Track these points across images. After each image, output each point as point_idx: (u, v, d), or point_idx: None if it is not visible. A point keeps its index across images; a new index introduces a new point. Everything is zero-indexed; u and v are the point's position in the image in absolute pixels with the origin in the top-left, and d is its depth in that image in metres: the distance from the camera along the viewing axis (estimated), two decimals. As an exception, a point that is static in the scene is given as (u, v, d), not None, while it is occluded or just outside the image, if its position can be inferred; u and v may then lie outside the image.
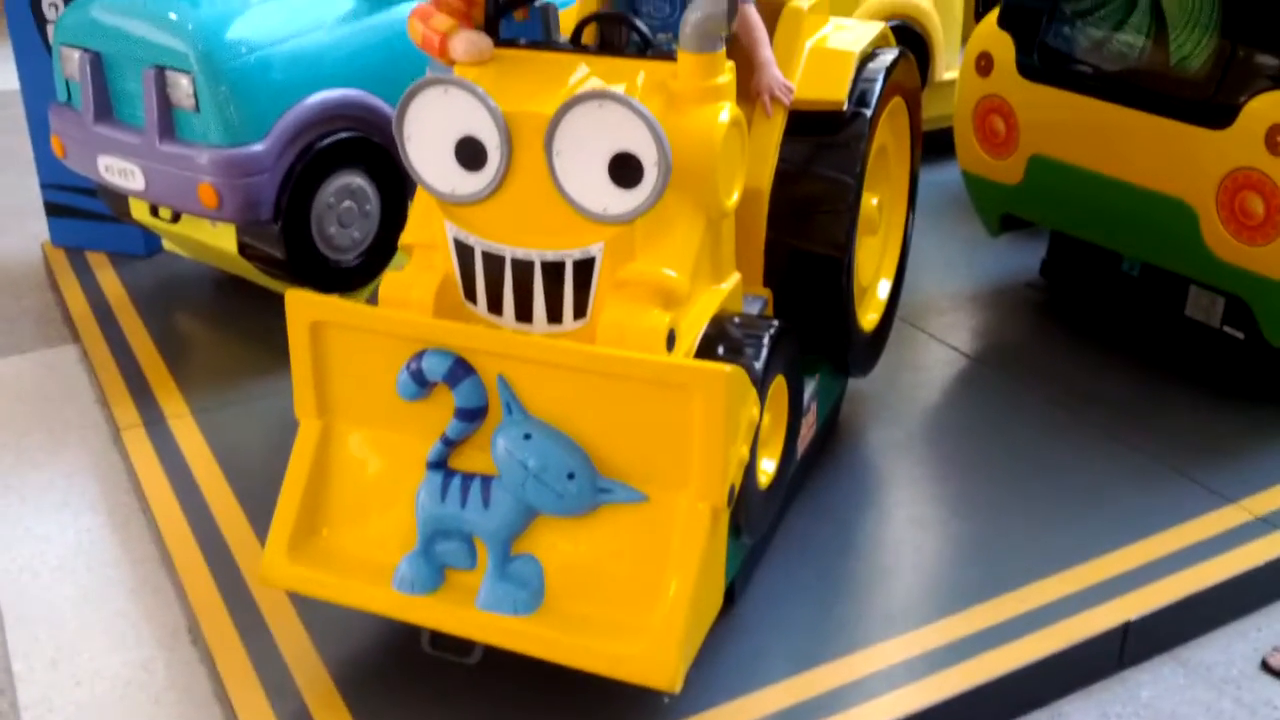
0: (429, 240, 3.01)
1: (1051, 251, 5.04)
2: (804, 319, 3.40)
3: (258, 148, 4.25)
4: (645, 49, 3.11)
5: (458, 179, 2.90)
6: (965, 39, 5.58)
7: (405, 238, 3.08)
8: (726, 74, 2.93)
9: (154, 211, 4.74)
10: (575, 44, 3.25)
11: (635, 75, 2.99)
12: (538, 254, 2.87)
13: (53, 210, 5.63)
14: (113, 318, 5.04)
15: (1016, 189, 4.66)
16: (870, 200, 3.73)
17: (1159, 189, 4.09)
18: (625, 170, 2.74)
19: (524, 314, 2.94)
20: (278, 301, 3.14)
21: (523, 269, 2.90)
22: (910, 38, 6.11)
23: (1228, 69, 3.87)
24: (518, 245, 2.88)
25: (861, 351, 3.84)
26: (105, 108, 4.55)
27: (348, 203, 4.57)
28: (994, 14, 4.65)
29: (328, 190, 4.49)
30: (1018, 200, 4.73)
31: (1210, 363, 4.44)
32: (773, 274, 3.49)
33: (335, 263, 4.62)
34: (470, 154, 2.86)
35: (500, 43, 3.14)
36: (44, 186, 5.56)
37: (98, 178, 4.65)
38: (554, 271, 2.87)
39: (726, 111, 2.89)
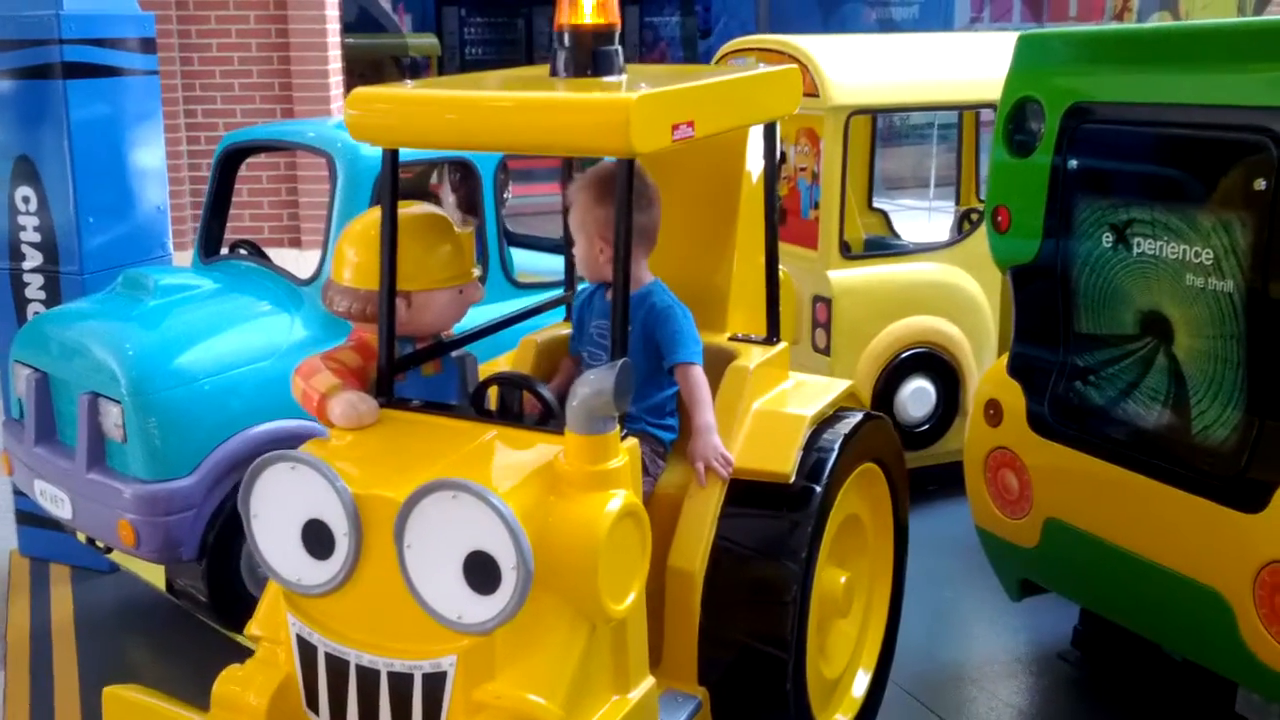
0: (274, 634, 2.59)
1: (1085, 620, 4.42)
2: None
3: (182, 484, 3.91)
4: (548, 418, 2.75)
5: (305, 567, 2.51)
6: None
7: (251, 627, 2.67)
8: (621, 457, 2.52)
9: (90, 540, 4.43)
10: (476, 408, 2.90)
11: (528, 449, 2.61)
12: (384, 662, 2.43)
13: (22, 519, 5.37)
14: (48, 645, 4.68)
15: (1033, 553, 4.10)
16: (837, 579, 3.24)
17: (1186, 573, 3.50)
18: (481, 572, 2.32)
19: (370, 732, 2.47)
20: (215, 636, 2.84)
21: (368, 679, 2.45)
22: (937, 365, 5.71)
23: (1257, 445, 3.35)
24: (364, 650, 2.46)
25: (826, 763, 3.26)
26: (48, 429, 4.31)
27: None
28: (1003, 359, 4.24)
29: (259, 531, 4.12)
30: (1035, 566, 4.16)
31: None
32: (710, 670, 2.98)
33: (266, 604, 4.21)
34: (317, 539, 2.48)
35: (393, 402, 2.81)
36: (15, 493, 5.33)
37: (35, 500, 4.38)
38: (402, 686, 2.42)
39: (618, 500, 2.46)
